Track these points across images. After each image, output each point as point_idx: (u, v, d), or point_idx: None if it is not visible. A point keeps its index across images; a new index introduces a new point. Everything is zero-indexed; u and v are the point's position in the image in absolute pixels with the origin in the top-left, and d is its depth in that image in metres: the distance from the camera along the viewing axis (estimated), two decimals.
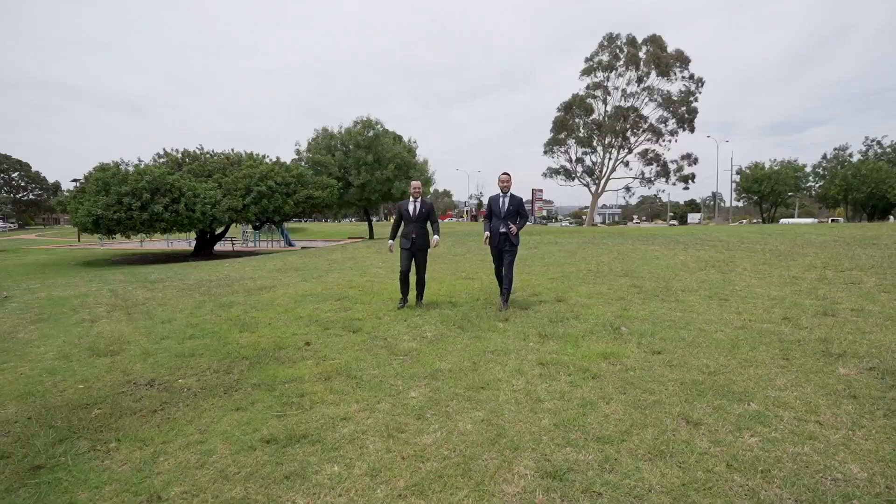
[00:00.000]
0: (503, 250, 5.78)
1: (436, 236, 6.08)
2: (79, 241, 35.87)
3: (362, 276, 9.05)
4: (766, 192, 41.95)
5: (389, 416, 3.07)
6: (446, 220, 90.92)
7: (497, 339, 4.59)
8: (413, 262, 6.04)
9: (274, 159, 22.85)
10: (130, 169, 18.51)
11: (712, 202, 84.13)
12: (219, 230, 22.57)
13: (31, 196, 71.56)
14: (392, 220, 6.25)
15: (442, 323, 5.28)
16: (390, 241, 6.12)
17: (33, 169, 72.09)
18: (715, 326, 4.62)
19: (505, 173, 5.75)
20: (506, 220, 5.68)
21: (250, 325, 5.61)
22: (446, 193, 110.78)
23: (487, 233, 5.83)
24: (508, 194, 5.73)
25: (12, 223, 73.00)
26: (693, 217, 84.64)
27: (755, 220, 68.14)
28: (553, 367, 3.78)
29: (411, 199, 6.03)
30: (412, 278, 6.17)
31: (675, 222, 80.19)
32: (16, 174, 70.20)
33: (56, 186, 69.27)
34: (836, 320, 4.68)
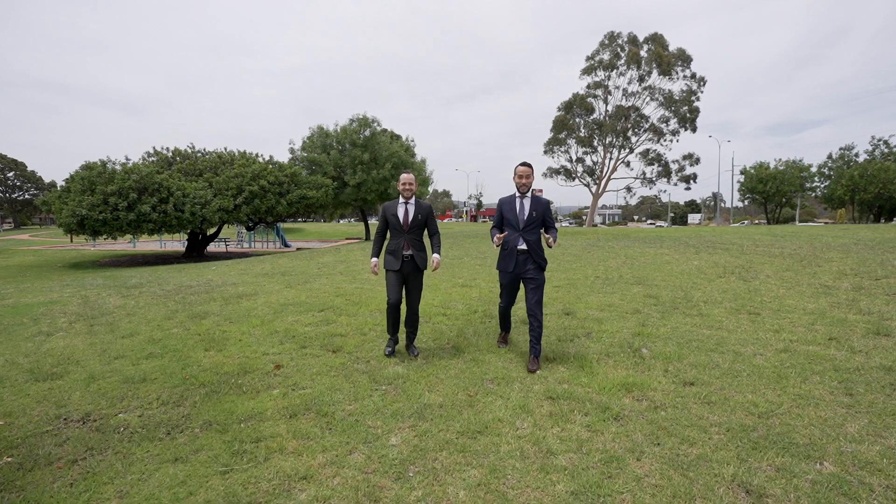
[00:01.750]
0: (525, 277, 3.97)
1: (435, 255, 4.30)
2: (71, 241, 35.22)
3: (352, 282, 8.40)
4: (772, 192, 41.24)
5: (362, 474, 2.43)
6: (445, 221, 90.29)
7: (497, 363, 3.94)
8: (405, 290, 4.29)
9: (267, 158, 22.20)
10: (118, 168, 17.86)
11: (712, 202, 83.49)
12: (211, 231, 21.93)
13: (26, 196, 70.84)
14: (375, 230, 4.36)
15: (434, 341, 4.63)
16: (373, 259, 4.25)
17: (29, 168, 71.39)
18: (752, 348, 3.97)
19: (525, 164, 3.94)
20: (527, 232, 3.95)
21: (219, 341, 4.97)
22: (445, 193, 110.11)
23: (499, 236, 3.95)
24: (530, 194, 3.99)
25: (9, 223, 72.29)
26: (693, 217, 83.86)
27: (757, 221, 67.46)
28: (565, 402, 3.13)
29: (401, 199, 4.21)
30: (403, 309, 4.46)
31: (662, 223, 77.20)
32: (11, 174, 69.47)
33: (52, 186, 68.57)
34: (895, 342, 4.03)
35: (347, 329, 5.17)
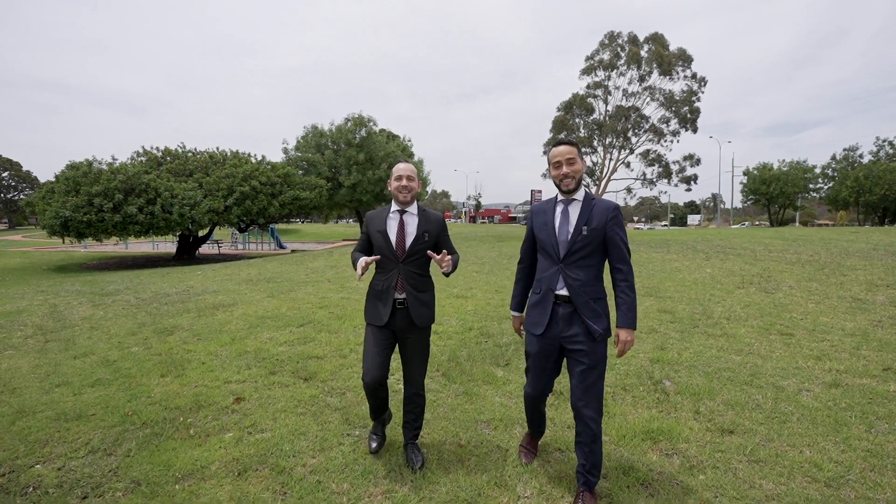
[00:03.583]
0: (569, 348, 2.16)
1: (448, 258, 2.38)
2: (63, 242, 34.59)
3: (339, 290, 7.81)
4: (775, 193, 40.67)
5: None
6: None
7: (494, 398, 3.35)
8: (401, 357, 2.58)
9: (261, 158, 21.63)
10: (104, 167, 17.27)
11: (712, 203, 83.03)
12: (202, 233, 21.34)
13: (21, 196, 70.14)
14: (357, 245, 2.67)
15: None
16: (361, 260, 2.40)
17: (25, 168, 70.76)
18: (794, 382, 3.38)
19: (564, 143, 2.17)
20: (571, 265, 2.13)
21: (179, 364, 4.37)
22: (445, 194, 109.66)
23: (518, 314, 2.44)
24: (581, 196, 2.19)
25: (3, 223, 71.62)
26: (693, 219, 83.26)
27: (758, 223, 66.90)
28: None
29: (394, 205, 2.52)
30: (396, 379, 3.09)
31: (641, 225, 71.52)
32: (6, 174, 68.84)
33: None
34: None
35: (326, 350, 4.58)
